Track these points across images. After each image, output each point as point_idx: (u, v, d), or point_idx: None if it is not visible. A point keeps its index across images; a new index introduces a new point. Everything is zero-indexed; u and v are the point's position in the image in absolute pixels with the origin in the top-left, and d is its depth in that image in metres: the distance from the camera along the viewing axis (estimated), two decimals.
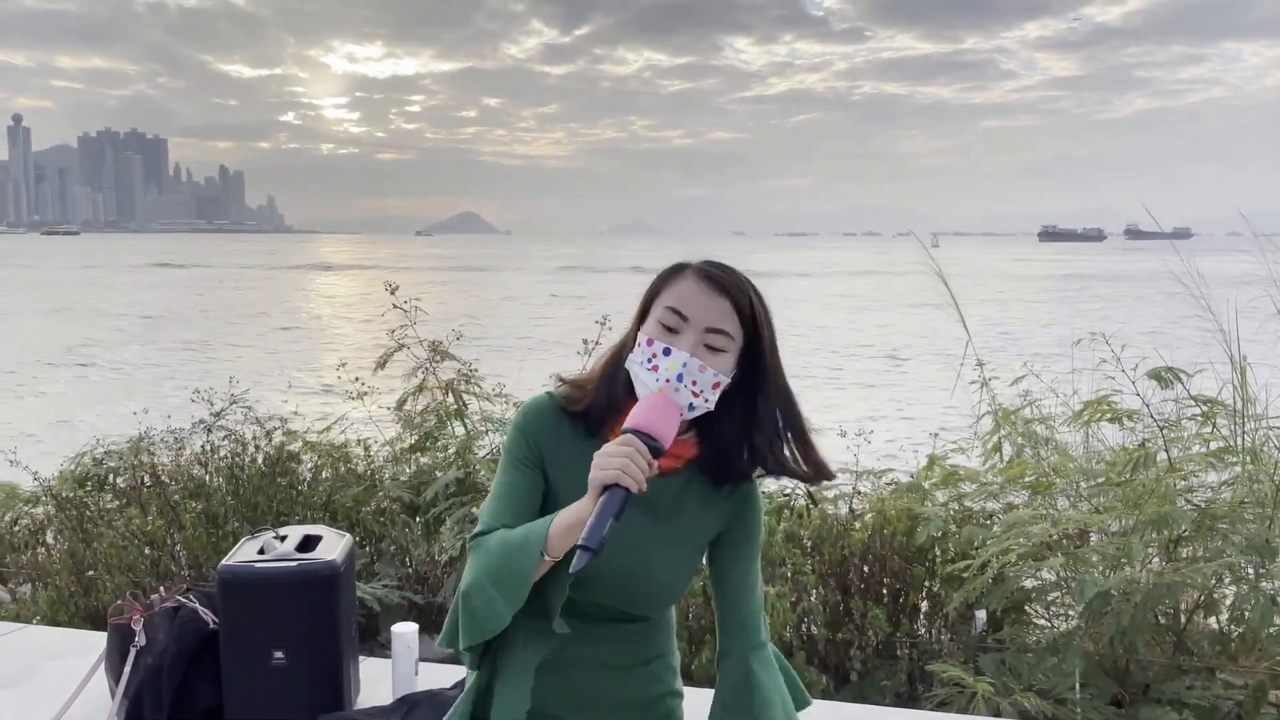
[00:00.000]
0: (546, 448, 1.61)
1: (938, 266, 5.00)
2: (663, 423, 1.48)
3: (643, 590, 1.62)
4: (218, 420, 4.96)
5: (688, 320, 1.53)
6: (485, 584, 1.52)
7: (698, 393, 1.53)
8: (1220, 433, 3.75)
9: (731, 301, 1.55)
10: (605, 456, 1.43)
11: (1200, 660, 3.44)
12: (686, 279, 1.57)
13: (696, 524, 1.66)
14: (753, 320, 1.57)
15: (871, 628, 3.73)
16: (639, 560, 1.60)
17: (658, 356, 1.52)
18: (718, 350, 1.54)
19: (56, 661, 3.36)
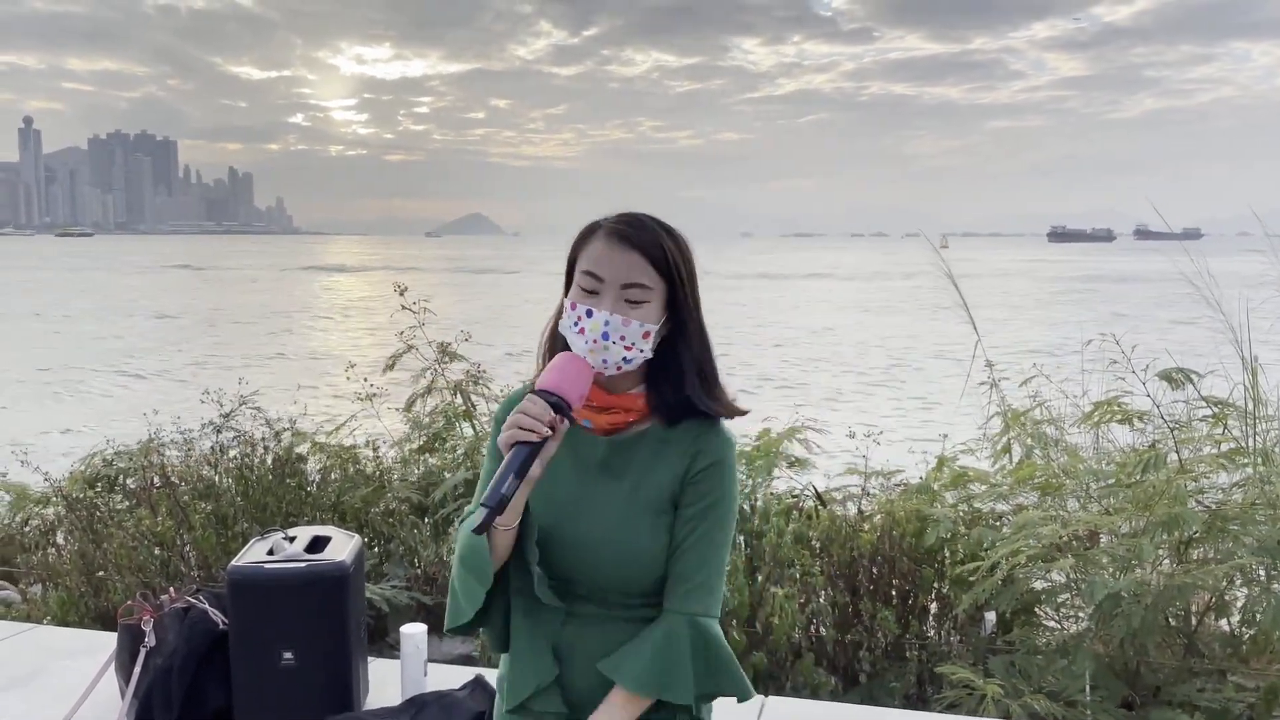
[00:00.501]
0: None
1: (947, 268, 4.98)
2: (565, 380, 1.52)
3: (616, 557, 1.61)
4: (227, 421, 4.97)
5: (604, 281, 1.58)
6: (458, 568, 1.61)
7: (629, 345, 1.57)
8: (1231, 434, 3.73)
9: (642, 254, 1.59)
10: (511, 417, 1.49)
11: (1211, 663, 3.42)
12: (598, 239, 1.61)
13: (658, 477, 1.65)
14: (669, 267, 1.60)
15: (880, 629, 3.72)
16: (607, 523, 1.62)
17: (582, 319, 1.57)
18: (638, 303, 1.58)
19: (67, 662, 3.37)
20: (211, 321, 34.59)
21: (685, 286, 1.63)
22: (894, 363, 23.28)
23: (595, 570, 1.63)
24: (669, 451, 1.67)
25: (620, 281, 1.58)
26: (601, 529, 1.62)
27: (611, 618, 1.66)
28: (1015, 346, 20.47)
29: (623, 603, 1.66)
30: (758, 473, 4.34)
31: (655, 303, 1.60)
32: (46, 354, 25.36)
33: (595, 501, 1.63)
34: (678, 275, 1.62)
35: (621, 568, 1.62)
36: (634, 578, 1.63)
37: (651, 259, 1.60)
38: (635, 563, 1.62)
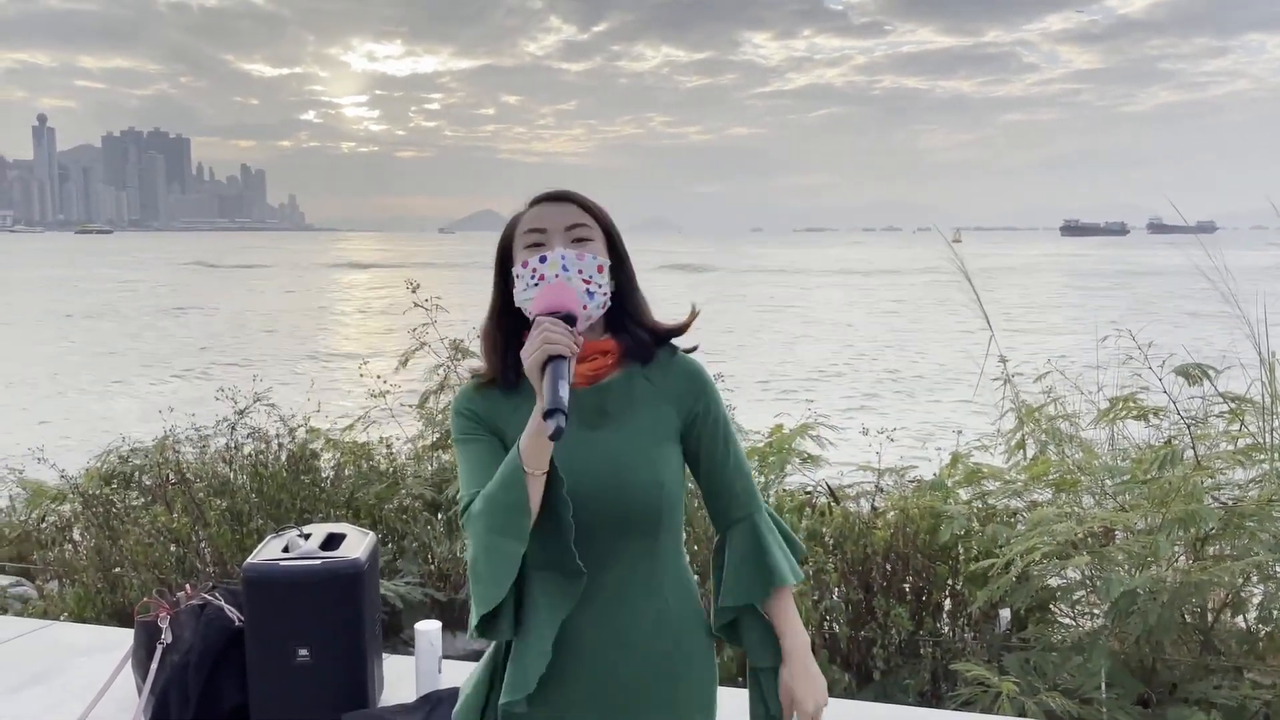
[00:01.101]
0: (486, 416, 1.65)
1: (961, 263, 4.96)
2: (558, 297, 1.54)
3: (639, 486, 1.60)
4: (241, 418, 4.99)
5: (547, 229, 1.63)
6: (487, 537, 1.51)
7: (588, 279, 1.59)
8: (1248, 430, 3.71)
9: (575, 203, 1.67)
10: (527, 346, 1.48)
11: (1228, 660, 3.40)
12: (529, 211, 1.68)
13: (653, 412, 1.67)
14: (601, 216, 1.68)
15: (894, 626, 3.70)
16: (620, 459, 1.61)
17: (536, 268, 1.58)
18: (585, 240, 1.63)
19: (84, 658, 3.40)
20: (233, 321, 34.72)
21: (617, 236, 1.70)
22: (907, 359, 23.21)
23: (627, 510, 1.60)
24: (660, 386, 1.70)
25: (564, 224, 1.63)
26: (625, 464, 1.60)
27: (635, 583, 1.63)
28: (1029, 342, 20.40)
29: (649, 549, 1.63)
30: (771, 469, 4.34)
31: (599, 243, 1.65)
32: (70, 352, 25.53)
33: (607, 443, 1.61)
34: (609, 225, 1.69)
35: (654, 496, 1.61)
36: (665, 505, 1.63)
37: (584, 207, 1.67)
38: (664, 488, 1.62)
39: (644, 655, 1.64)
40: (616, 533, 1.60)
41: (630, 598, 1.63)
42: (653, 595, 1.65)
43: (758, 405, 9.28)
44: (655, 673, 1.65)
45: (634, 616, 1.63)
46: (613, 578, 1.62)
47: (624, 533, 1.61)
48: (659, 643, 1.65)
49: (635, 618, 1.63)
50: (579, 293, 1.57)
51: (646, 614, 1.64)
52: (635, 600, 1.63)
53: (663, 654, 1.65)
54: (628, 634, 1.63)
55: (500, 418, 1.64)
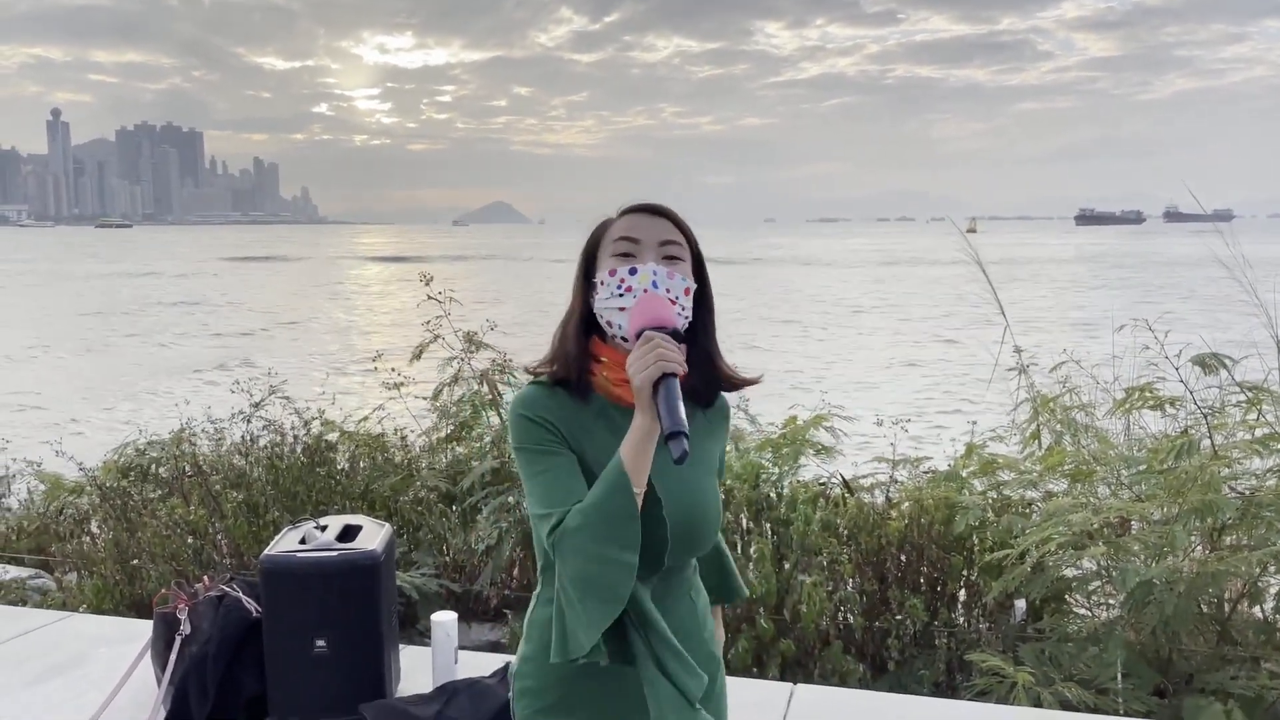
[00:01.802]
0: (562, 425, 1.60)
1: (976, 254, 4.94)
2: (662, 310, 1.52)
3: (700, 518, 1.62)
4: (256, 411, 5.02)
5: (640, 241, 1.59)
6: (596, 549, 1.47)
7: (674, 300, 1.56)
8: (1266, 419, 3.68)
9: (670, 219, 1.63)
10: (636, 361, 1.45)
11: (1245, 650, 3.39)
12: (621, 219, 1.64)
13: (709, 448, 1.69)
14: (691, 237, 1.65)
15: (909, 617, 3.70)
16: (690, 486, 1.61)
17: (625, 279, 1.56)
18: (676, 259, 1.61)
19: (103, 649, 3.42)
20: (254, 314, 34.88)
21: (702, 260, 1.67)
22: (922, 349, 23.14)
23: (698, 534, 1.63)
24: (711, 421, 1.71)
25: (658, 239, 1.60)
26: (685, 495, 1.61)
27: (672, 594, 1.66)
28: (1045, 332, 20.30)
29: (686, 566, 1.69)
30: (785, 460, 4.33)
31: (687, 263, 1.63)
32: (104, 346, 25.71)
33: (686, 471, 1.60)
34: (697, 249, 1.66)
35: (705, 530, 1.64)
36: (708, 534, 1.66)
37: (678, 224, 1.64)
38: (707, 524, 1.64)
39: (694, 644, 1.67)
40: (682, 552, 1.63)
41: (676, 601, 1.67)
42: (686, 597, 1.70)
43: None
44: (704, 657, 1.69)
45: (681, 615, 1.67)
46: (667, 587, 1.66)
47: (689, 548, 1.65)
48: (701, 632, 1.71)
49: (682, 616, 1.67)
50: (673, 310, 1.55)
51: (688, 611, 1.69)
52: (680, 601, 1.68)
53: (704, 640, 1.72)
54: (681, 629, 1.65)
55: (577, 429, 1.60)
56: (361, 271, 66.67)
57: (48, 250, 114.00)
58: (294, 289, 48.16)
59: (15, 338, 26.46)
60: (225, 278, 57.65)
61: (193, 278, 57.34)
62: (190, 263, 77.43)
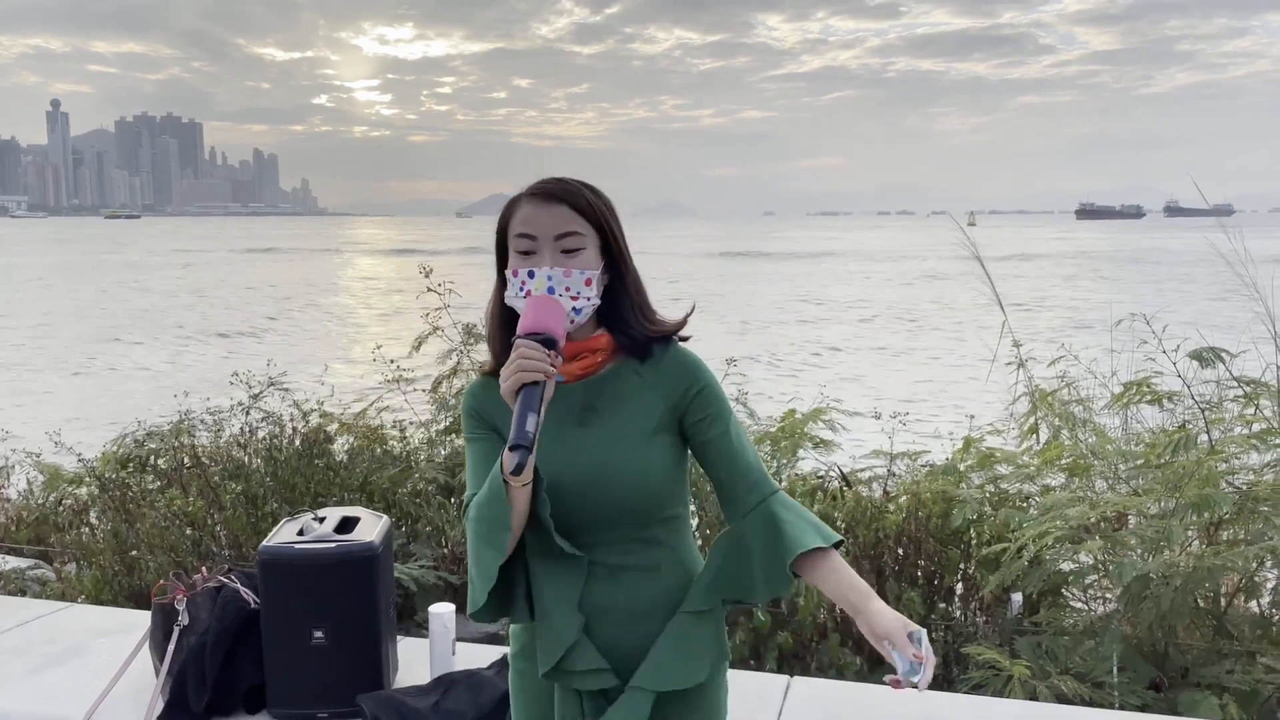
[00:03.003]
0: (490, 415, 1.69)
1: (975, 249, 4.94)
2: (542, 316, 1.56)
3: (621, 481, 1.64)
4: (255, 402, 5.02)
5: (536, 238, 1.63)
6: (473, 543, 1.61)
7: (575, 295, 1.61)
8: (1263, 414, 3.69)
9: (568, 205, 1.64)
10: (505, 369, 1.52)
11: (1241, 644, 3.40)
12: (522, 205, 1.67)
13: (643, 403, 1.69)
14: (596, 216, 1.66)
15: (906, 610, 3.71)
16: (605, 455, 1.65)
17: (525, 282, 1.61)
18: (575, 250, 1.63)
19: (102, 640, 3.43)
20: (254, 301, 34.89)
21: (614, 232, 1.69)
22: (920, 343, 23.14)
23: (611, 505, 1.65)
24: (650, 378, 1.71)
25: (553, 233, 1.62)
26: (609, 460, 1.64)
27: (631, 566, 1.68)
28: (1043, 326, 20.31)
29: (641, 537, 1.68)
30: (783, 453, 4.34)
31: (591, 249, 1.65)
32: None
33: (593, 439, 1.66)
34: (605, 222, 1.67)
35: (638, 491, 1.65)
36: (652, 499, 1.66)
37: (577, 209, 1.65)
38: (650, 482, 1.66)
39: (653, 627, 1.68)
40: (606, 523, 1.66)
41: (627, 578, 1.68)
42: (651, 574, 1.70)
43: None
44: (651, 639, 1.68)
45: (633, 593, 1.68)
46: (611, 560, 1.68)
47: (614, 523, 1.67)
48: (662, 616, 1.69)
49: (635, 594, 1.68)
50: (566, 310, 1.60)
51: (645, 591, 1.69)
52: (633, 579, 1.69)
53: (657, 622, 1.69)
54: (630, 609, 1.68)
55: (500, 414, 1.67)
56: (374, 263, 66.69)
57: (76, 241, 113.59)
58: (302, 280, 48.17)
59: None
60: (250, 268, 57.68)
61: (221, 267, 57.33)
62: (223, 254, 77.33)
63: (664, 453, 1.68)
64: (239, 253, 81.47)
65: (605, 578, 1.67)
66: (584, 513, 1.64)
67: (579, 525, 1.64)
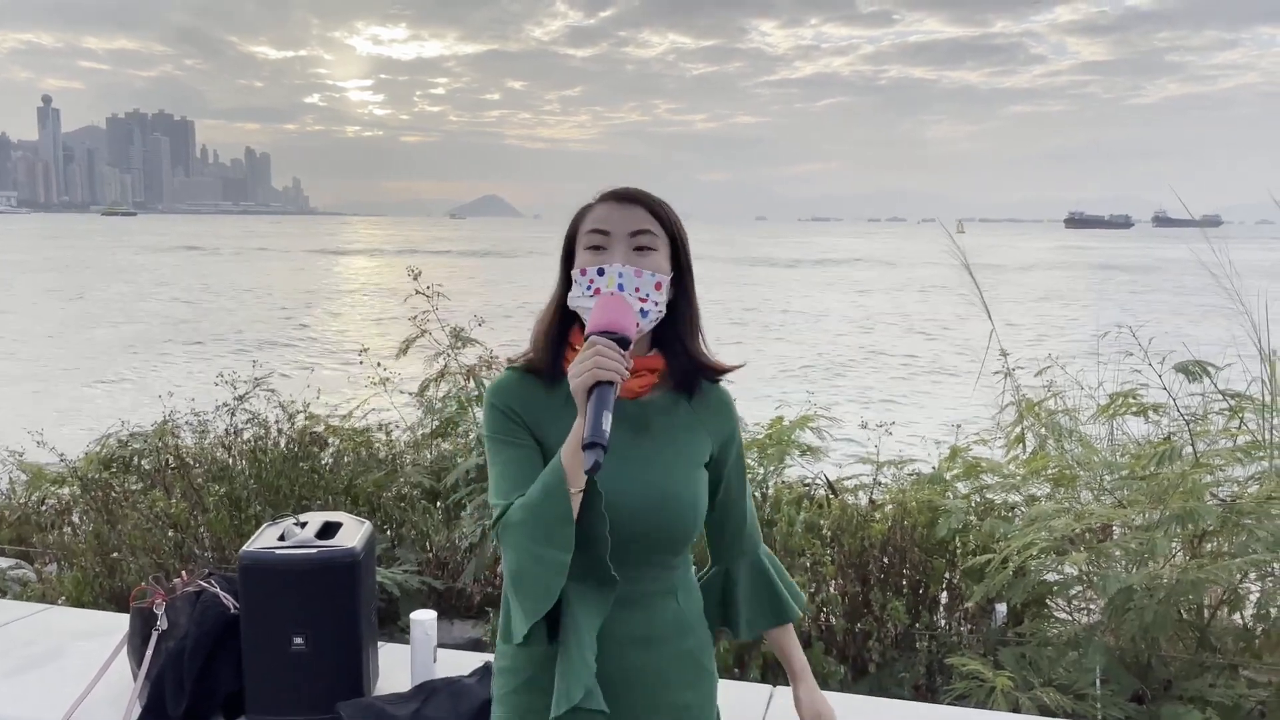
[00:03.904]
0: (526, 414, 1.63)
1: (964, 256, 4.95)
2: (616, 315, 1.51)
3: (676, 508, 1.61)
4: (240, 404, 4.99)
5: (610, 234, 1.59)
6: (530, 547, 1.49)
7: (644, 298, 1.57)
8: (1248, 427, 3.70)
9: (645, 207, 1.62)
10: (576, 365, 1.46)
11: (1224, 657, 3.40)
12: (598, 207, 1.64)
13: (691, 438, 1.68)
14: (669, 223, 1.64)
15: (890, 619, 3.71)
16: (664, 479, 1.61)
17: (594, 280, 1.57)
18: (648, 249, 1.60)
19: (81, 643, 3.40)
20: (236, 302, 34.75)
21: (684, 246, 1.66)
22: (909, 352, 23.18)
23: (660, 529, 1.61)
24: (697, 412, 1.70)
25: (629, 230, 1.59)
26: (652, 485, 1.60)
27: (653, 592, 1.65)
28: (1031, 336, 20.37)
29: (668, 564, 1.66)
30: (770, 461, 4.33)
31: (662, 252, 1.62)
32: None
33: (639, 459, 1.61)
34: (677, 233, 1.65)
35: (687, 519, 1.63)
36: (683, 532, 1.64)
37: (654, 212, 1.63)
38: (686, 514, 1.63)
39: (669, 651, 1.67)
40: (650, 546, 1.63)
41: (649, 602, 1.66)
42: (669, 598, 1.68)
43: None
44: (681, 665, 1.68)
45: (654, 617, 1.66)
46: (639, 586, 1.64)
47: (658, 548, 1.64)
48: (680, 640, 1.68)
49: (656, 618, 1.66)
50: (634, 311, 1.56)
51: (665, 614, 1.67)
52: (654, 602, 1.66)
53: (685, 650, 1.69)
54: (651, 633, 1.65)
55: (542, 417, 1.62)
56: (363, 262, 66.49)
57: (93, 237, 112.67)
58: (294, 280, 48.02)
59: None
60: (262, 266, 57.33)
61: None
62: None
63: (703, 487, 1.69)
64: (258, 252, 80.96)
65: (627, 604, 1.61)
66: (636, 532, 1.58)
67: (625, 545, 1.55)
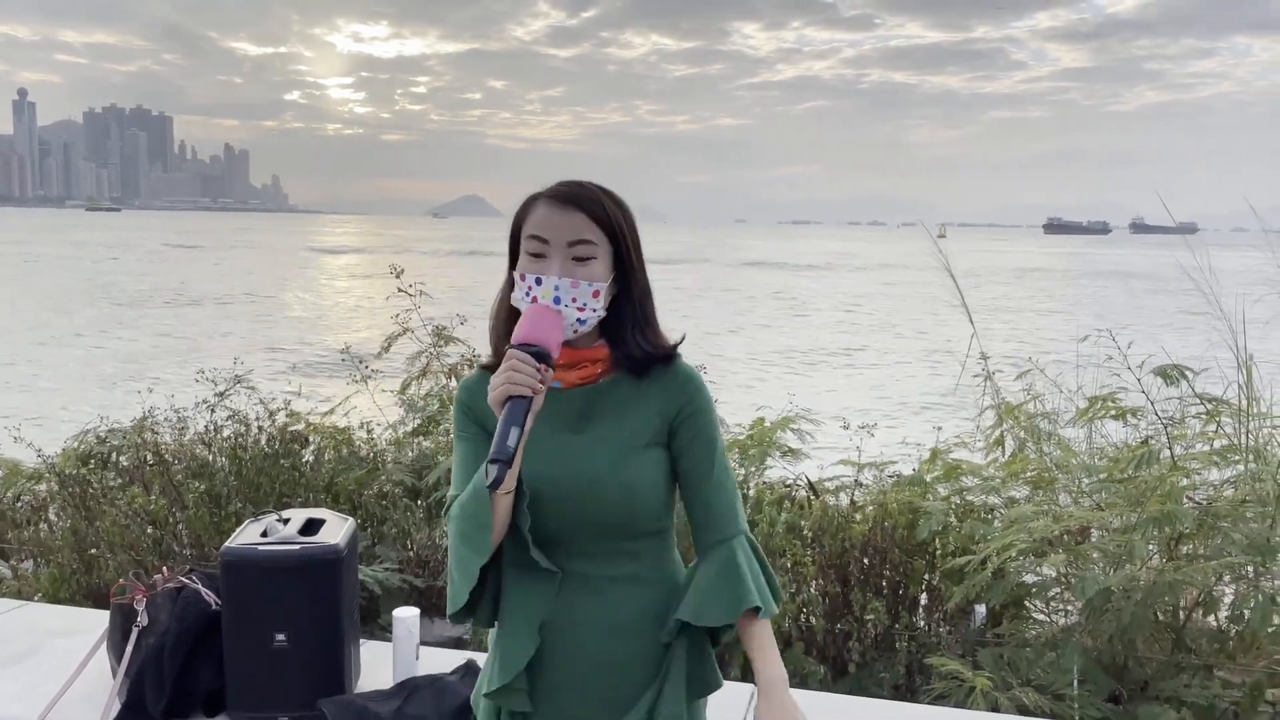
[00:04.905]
0: (483, 414, 1.66)
1: (946, 260, 4.98)
2: (540, 329, 1.54)
3: (611, 491, 1.62)
4: (221, 400, 4.95)
5: (549, 242, 1.60)
6: (455, 544, 1.59)
7: (581, 307, 1.60)
8: (1225, 431, 3.74)
9: (585, 213, 1.62)
10: (495, 377, 1.50)
11: (1199, 658, 3.44)
12: (540, 206, 1.64)
13: (638, 417, 1.68)
14: (611, 225, 1.64)
15: (871, 620, 3.73)
16: (596, 464, 1.63)
17: (533, 288, 1.59)
18: (586, 259, 1.61)
19: (59, 640, 3.37)
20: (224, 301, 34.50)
21: (628, 243, 1.66)
22: (890, 354, 23.30)
23: (600, 514, 1.62)
24: (646, 392, 1.70)
25: (565, 240, 1.60)
26: (599, 469, 1.63)
27: (613, 577, 1.66)
28: (1011, 340, 20.51)
29: (625, 549, 1.66)
30: (751, 461, 4.35)
31: (602, 260, 1.62)
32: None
33: (585, 447, 1.64)
34: (620, 233, 1.65)
35: (626, 503, 1.63)
36: (639, 513, 1.64)
37: (594, 217, 1.62)
38: (638, 495, 1.64)
39: (634, 641, 1.67)
40: (590, 533, 1.64)
41: (612, 590, 1.66)
42: (637, 587, 1.68)
43: None
44: (647, 655, 1.67)
45: (618, 606, 1.66)
46: (594, 572, 1.65)
47: (598, 534, 1.65)
48: (648, 629, 1.67)
49: (620, 607, 1.66)
50: (569, 321, 1.58)
51: (632, 604, 1.67)
52: (619, 592, 1.66)
53: (653, 639, 1.68)
54: (614, 622, 1.66)
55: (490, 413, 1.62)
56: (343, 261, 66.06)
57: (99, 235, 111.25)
58: (277, 278, 47.69)
59: None
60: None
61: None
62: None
63: (655, 466, 1.67)
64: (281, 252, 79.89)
65: (587, 589, 1.65)
66: (572, 521, 1.62)
67: (565, 533, 1.62)
